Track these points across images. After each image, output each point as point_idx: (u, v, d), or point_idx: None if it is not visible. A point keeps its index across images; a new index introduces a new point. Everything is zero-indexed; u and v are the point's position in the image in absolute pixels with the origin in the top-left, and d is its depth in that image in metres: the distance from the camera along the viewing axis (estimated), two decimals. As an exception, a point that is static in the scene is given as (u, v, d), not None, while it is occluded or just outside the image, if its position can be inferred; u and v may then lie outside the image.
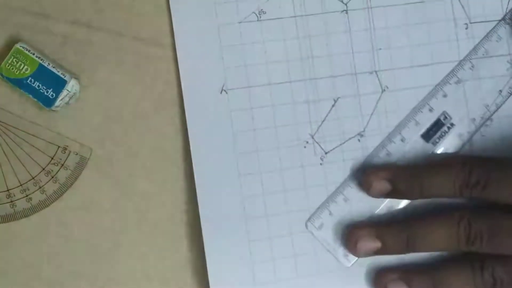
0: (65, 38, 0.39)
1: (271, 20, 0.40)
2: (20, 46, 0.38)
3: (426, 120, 0.41)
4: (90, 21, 0.39)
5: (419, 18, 0.41)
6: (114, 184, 0.39)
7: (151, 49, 0.39)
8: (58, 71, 0.38)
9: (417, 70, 0.41)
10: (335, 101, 0.40)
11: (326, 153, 0.40)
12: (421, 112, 0.41)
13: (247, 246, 0.39)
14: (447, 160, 0.39)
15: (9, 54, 0.38)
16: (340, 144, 0.40)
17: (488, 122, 0.41)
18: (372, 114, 0.40)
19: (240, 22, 0.40)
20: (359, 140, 0.40)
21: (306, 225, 0.40)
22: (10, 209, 0.39)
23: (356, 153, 0.40)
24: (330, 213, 0.40)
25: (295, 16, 0.40)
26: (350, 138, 0.40)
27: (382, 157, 0.40)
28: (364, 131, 0.40)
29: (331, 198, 0.40)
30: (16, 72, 0.38)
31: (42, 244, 0.39)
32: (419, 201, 0.40)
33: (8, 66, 0.38)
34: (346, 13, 0.40)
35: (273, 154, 0.40)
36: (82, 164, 0.39)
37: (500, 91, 0.41)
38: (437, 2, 0.41)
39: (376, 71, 0.41)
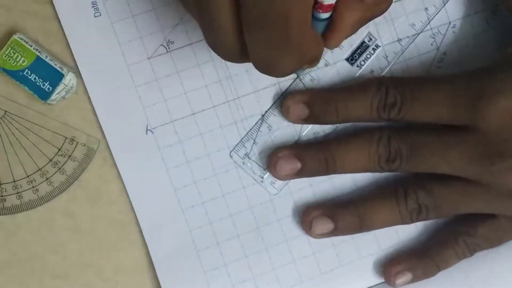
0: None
1: (181, 48, 0.38)
2: (18, 37, 0.37)
3: (350, 43, 0.39)
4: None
5: None
6: (121, 177, 0.39)
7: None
8: (56, 64, 0.37)
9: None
10: (262, 115, 0.39)
11: (265, 169, 0.39)
12: None
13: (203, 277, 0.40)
14: (364, 82, 0.37)
15: (7, 45, 0.37)
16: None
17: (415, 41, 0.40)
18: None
19: (149, 58, 0.38)
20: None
21: (230, 155, 0.39)
22: (17, 200, 0.38)
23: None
24: (255, 142, 0.39)
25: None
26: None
27: (306, 83, 0.39)
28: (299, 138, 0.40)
29: (255, 128, 0.39)
30: (13, 63, 0.37)
31: (48, 235, 0.39)
32: (342, 127, 0.39)
33: (5, 57, 0.37)
34: None
35: (213, 182, 0.39)
36: (89, 155, 0.39)
37: (426, 8, 0.39)
38: None
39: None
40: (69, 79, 0.37)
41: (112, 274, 0.39)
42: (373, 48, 0.39)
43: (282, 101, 0.39)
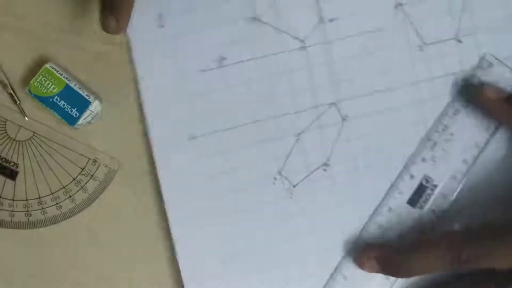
0: (99, 54, 0.41)
1: (232, 65, 0.41)
2: (50, 66, 0.40)
3: (409, 187, 0.42)
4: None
5: (375, 46, 0.41)
6: (139, 196, 0.42)
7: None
8: (83, 92, 0.40)
9: (376, 96, 0.41)
10: (299, 135, 0.41)
11: (294, 186, 0.42)
12: (403, 180, 0.42)
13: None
14: (434, 241, 0.39)
15: (39, 73, 0.40)
16: (306, 176, 0.42)
17: (469, 176, 0.42)
18: (335, 143, 0.42)
19: (202, 70, 0.41)
20: (325, 170, 0.42)
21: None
22: (41, 216, 0.41)
23: (323, 183, 0.42)
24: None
25: (255, 59, 0.41)
26: (316, 169, 0.42)
27: (373, 231, 0.42)
28: (329, 160, 0.42)
29: (331, 278, 0.42)
30: (44, 90, 0.40)
31: (70, 249, 0.42)
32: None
33: (36, 84, 0.40)
34: (305, 49, 0.41)
35: (245, 194, 0.41)
36: (110, 175, 0.42)
37: (476, 143, 0.42)
38: (391, 29, 0.41)
39: (335, 102, 0.41)
40: (95, 106, 0.40)
41: (127, 286, 0.42)
42: (431, 189, 0.42)
43: (357, 254, 0.41)
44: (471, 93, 0.41)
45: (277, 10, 0.41)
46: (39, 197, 0.41)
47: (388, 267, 0.40)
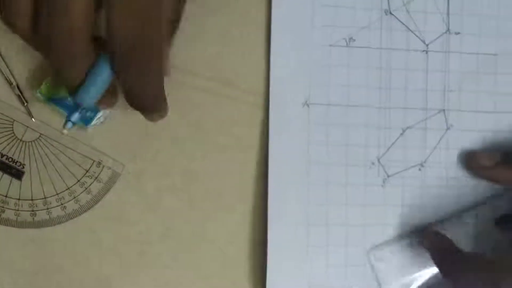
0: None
1: (359, 48, 0.44)
2: None
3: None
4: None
5: (490, 68, 0.44)
6: (142, 199, 0.42)
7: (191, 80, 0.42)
8: None
9: (481, 115, 0.44)
10: (404, 131, 0.44)
11: (388, 176, 0.44)
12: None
13: (305, 250, 0.43)
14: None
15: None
16: (402, 170, 0.44)
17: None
18: (435, 147, 0.44)
19: (331, 45, 0.43)
20: (419, 169, 0.44)
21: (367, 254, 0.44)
22: (46, 216, 0.42)
23: (415, 181, 0.44)
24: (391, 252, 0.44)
25: (380, 48, 0.44)
26: (412, 166, 0.44)
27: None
28: (425, 161, 0.44)
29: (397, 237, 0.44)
30: (56, 92, 0.40)
31: (73, 249, 0.42)
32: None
33: (47, 86, 0.40)
34: (426, 53, 0.44)
35: (341, 169, 0.43)
36: (114, 178, 0.42)
37: None
38: (508, 55, 0.44)
39: (444, 110, 0.44)
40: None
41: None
42: None
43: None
44: (465, 161, 0.44)
45: (411, 10, 0.44)
46: (45, 197, 0.42)
47: (439, 259, 0.40)
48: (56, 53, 0.33)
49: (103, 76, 0.34)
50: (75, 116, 0.36)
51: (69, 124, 0.36)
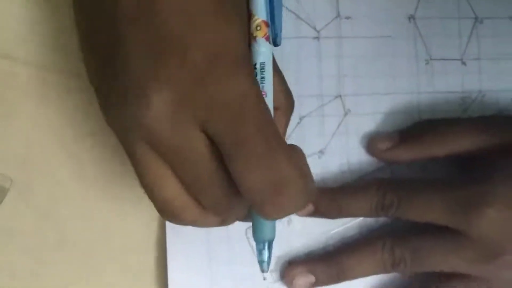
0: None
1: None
2: None
3: None
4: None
5: (385, 51, 0.43)
6: (35, 210, 0.40)
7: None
8: None
9: (378, 97, 0.43)
10: (301, 119, 0.43)
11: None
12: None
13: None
14: (365, 183, 0.42)
15: None
16: None
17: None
18: (334, 133, 0.43)
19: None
20: (319, 157, 0.43)
21: (245, 231, 0.42)
22: None
23: (315, 169, 0.42)
24: None
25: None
26: (312, 154, 0.43)
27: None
28: (325, 149, 0.43)
29: None
30: None
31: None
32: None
33: None
34: (318, 40, 0.43)
35: None
36: (2, 193, 0.39)
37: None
38: (402, 38, 0.44)
39: (340, 95, 0.43)
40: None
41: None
42: None
43: None
44: (366, 146, 0.43)
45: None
46: None
47: (320, 208, 0.41)
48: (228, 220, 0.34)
49: None
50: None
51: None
